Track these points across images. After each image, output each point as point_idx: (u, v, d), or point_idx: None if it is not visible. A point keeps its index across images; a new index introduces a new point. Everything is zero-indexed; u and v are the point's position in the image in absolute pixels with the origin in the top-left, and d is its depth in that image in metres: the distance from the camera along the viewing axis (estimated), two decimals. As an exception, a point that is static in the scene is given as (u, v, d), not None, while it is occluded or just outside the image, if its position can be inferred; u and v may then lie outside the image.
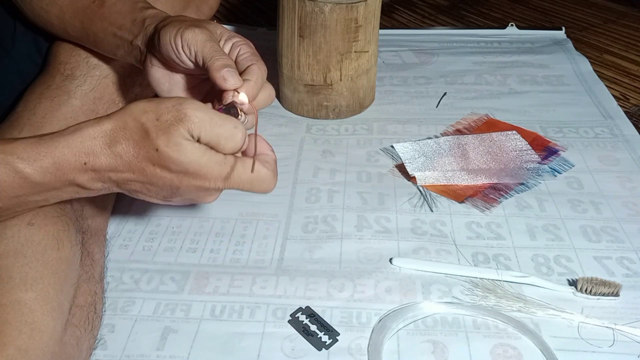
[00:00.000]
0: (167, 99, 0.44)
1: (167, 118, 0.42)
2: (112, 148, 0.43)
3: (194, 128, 0.43)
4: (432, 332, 0.54)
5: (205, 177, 0.44)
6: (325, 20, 0.78)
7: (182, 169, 0.43)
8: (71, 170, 0.44)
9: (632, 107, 0.92)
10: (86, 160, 0.43)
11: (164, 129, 0.42)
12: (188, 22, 0.51)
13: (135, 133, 0.43)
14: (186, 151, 0.42)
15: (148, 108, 0.43)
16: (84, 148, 0.43)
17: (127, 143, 0.43)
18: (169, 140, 0.42)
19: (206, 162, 0.43)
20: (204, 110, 0.43)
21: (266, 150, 0.49)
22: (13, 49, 0.68)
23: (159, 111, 0.43)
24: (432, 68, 1.01)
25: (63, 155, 0.43)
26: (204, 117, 0.43)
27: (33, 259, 0.47)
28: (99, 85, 0.65)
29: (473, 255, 0.62)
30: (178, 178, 0.44)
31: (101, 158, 0.43)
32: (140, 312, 0.57)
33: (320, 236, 0.65)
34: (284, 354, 0.52)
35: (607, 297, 0.56)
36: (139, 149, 0.43)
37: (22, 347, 0.42)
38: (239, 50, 0.53)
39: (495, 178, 0.72)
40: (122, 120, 0.43)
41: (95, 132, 0.43)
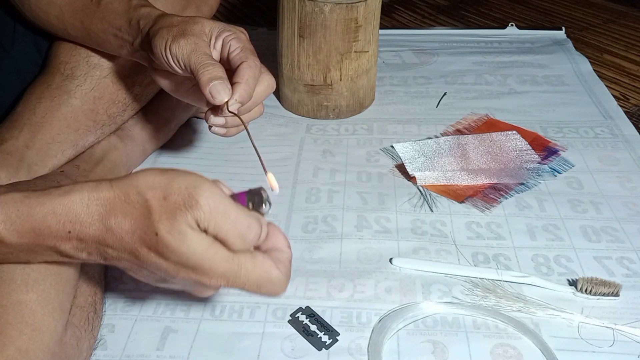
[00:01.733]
0: (181, 177, 0.38)
1: (175, 200, 0.37)
2: (105, 220, 0.38)
3: (203, 218, 0.37)
4: (432, 332, 0.54)
5: (206, 273, 0.38)
6: (325, 20, 0.78)
7: (182, 260, 0.38)
8: (52, 237, 0.39)
9: (632, 107, 0.92)
10: (71, 228, 0.38)
11: (169, 212, 0.37)
12: (175, 32, 0.51)
13: (135, 209, 0.38)
14: (190, 242, 0.37)
15: (157, 184, 0.38)
16: (71, 215, 0.38)
17: (124, 218, 0.38)
18: (172, 226, 0.37)
19: (211, 257, 0.38)
20: (219, 199, 0.38)
21: (282, 246, 0.43)
22: (13, 48, 0.68)
23: (168, 190, 0.37)
24: (432, 68, 1.01)
25: (44, 221, 0.38)
26: (217, 209, 0.37)
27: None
28: (99, 85, 0.65)
29: (473, 255, 0.62)
30: (175, 268, 0.38)
31: (89, 229, 0.38)
32: (140, 312, 0.57)
33: (320, 236, 0.65)
34: (284, 354, 0.52)
35: (607, 297, 0.56)
36: (135, 228, 0.38)
37: (22, 347, 0.42)
38: (229, 47, 0.52)
39: (495, 178, 0.72)
40: (124, 191, 0.38)
41: (90, 199, 0.38)
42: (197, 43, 0.50)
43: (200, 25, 0.52)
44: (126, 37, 0.57)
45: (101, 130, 0.67)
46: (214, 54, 0.53)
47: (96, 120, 0.66)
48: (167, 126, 0.78)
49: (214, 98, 0.48)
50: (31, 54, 0.69)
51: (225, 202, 0.38)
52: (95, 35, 0.60)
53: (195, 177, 0.38)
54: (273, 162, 0.77)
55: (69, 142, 0.64)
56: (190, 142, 0.82)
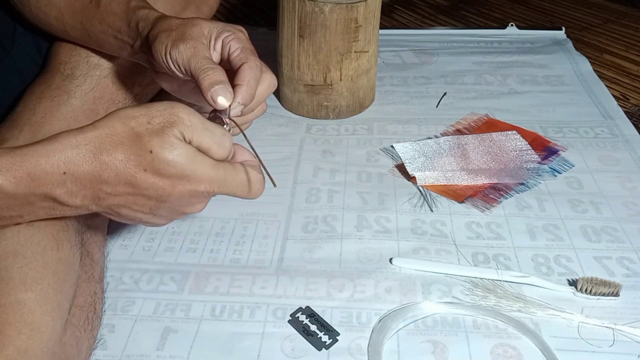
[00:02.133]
0: (156, 103, 0.43)
1: (159, 121, 0.41)
2: (98, 156, 0.40)
3: (187, 131, 0.42)
4: (432, 332, 0.54)
5: (199, 179, 0.43)
6: (325, 20, 0.78)
7: (178, 171, 0.42)
8: (47, 181, 0.40)
9: (632, 107, 0.92)
10: (65, 169, 0.40)
11: (157, 131, 0.41)
12: (174, 36, 0.51)
13: (125, 138, 0.41)
14: (181, 151, 0.41)
15: (137, 113, 0.42)
16: (64, 157, 0.40)
17: (115, 149, 0.41)
18: (163, 141, 0.41)
19: (200, 162, 0.42)
20: (195, 114, 0.43)
21: (249, 157, 0.49)
22: (13, 48, 0.68)
23: (149, 114, 0.42)
24: (432, 68, 1.01)
25: (39, 164, 0.40)
26: (196, 122, 0.42)
27: (33, 259, 0.47)
28: (99, 85, 0.65)
29: (473, 255, 0.62)
30: (171, 183, 0.42)
31: (84, 166, 0.40)
32: (140, 312, 0.57)
33: (320, 236, 0.65)
34: (284, 354, 0.52)
35: (607, 297, 0.56)
36: (129, 154, 0.41)
37: (21, 347, 0.42)
38: (229, 48, 0.52)
39: (495, 178, 0.72)
40: (109, 126, 0.41)
41: (78, 140, 0.41)
42: (196, 47, 0.50)
43: (198, 28, 0.52)
44: (126, 39, 0.57)
45: (101, 130, 0.67)
46: (214, 56, 0.53)
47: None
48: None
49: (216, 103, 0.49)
50: (31, 54, 0.69)
51: (201, 117, 0.43)
52: (95, 36, 0.60)
53: (169, 101, 0.43)
54: (273, 162, 0.77)
55: (69, 142, 0.64)
56: (190, 142, 0.82)
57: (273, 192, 0.48)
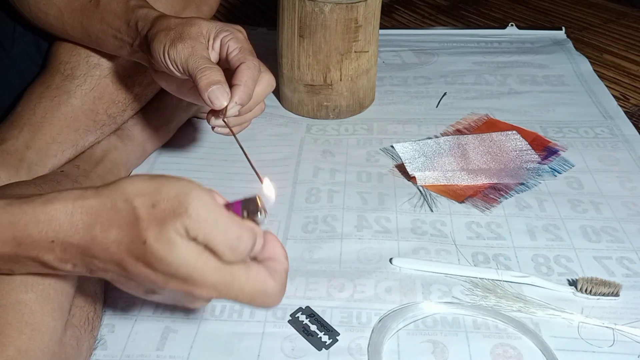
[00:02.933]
0: (170, 183, 0.36)
1: (164, 207, 0.35)
2: (90, 229, 0.36)
3: (192, 227, 0.35)
4: (432, 332, 0.54)
5: (197, 284, 0.36)
6: (325, 20, 0.78)
7: (171, 270, 0.36)
8: (34, 246, 0.37)
9: (632, 107, 0.92)
10: (54, 237, 0.37)
11: (157, 220, 0.35)
12: (172, 35, 0.50)
13: (122, 217, 0.36)
14: (179, 250, 0.35)
15: (145, 190, 0.36)
16: (54, 224, 0.36)
17: (110, 227, 0.36)
18: (160, 234, 0.35)
19: (201, 266, 0.36)
20: (209, 208, 0.36)
21: (278, 256, 0.41)
22: (13, 48, 0.68)
23: (157, 197, 0.36)
24: (432, 68, 1.01)
25: (26, 230, 0.37)
26: (207, 217, 0.35)
27: None
28: (99, 85, 0.65)
29: (473, 255, 0.62)
30: (164, 279, 0.36)
31: (73, 238, 0.36)
32: (140, 312, 0.57)
33: (320, 236, 0.65)
34: (284, 354, 0.52)
35: (607, 297, 0.56)
36: (122, 237, 0.36)
37: (22, 347, 0.42)
38: (227, 47, 0.52)
39: (495, 178, 0.72)
40: (111, 199, 0.36)
41: (74, 207, 0.37)
42: (194, 46, 0.50)
43: (197, 27, 0.52)
44: (125, 38, 0.57)
45: (101, 130, 0.67)
46: (213, 56, 0.53)
47: (96, 120, 0.66)
48: (167, 126, 0.78)
49: (212, 103, 0.48)
50: (31, 54, 0.69)
51: (216, 210, 0.36)
52: (95, 36, 0.60)
53: (186, 183, 0.37)
54: (273, 162, 0.77)
55: (69, 142, 0.64)
56: (190, 142, 0.82)
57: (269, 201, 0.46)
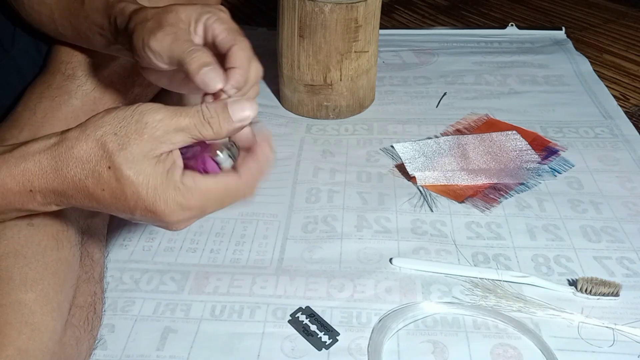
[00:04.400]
0: (122, 109, 0.39)
1: (126, 131, 0.38)
2: (59, 171, 0.39)
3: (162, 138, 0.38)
4: (432, 332, 0.54)
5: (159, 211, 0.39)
6: (325, 20, 0.78)
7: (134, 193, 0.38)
8: (16, 198, 0.40)
9: (632, 107, 0.91)
10: (31, 187, 0.39)
11: (122, 145, 0.38)
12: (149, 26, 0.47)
13: (85, 152, 0.38)
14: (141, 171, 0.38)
15: (101, 123, 0.39)
16: (27, 175, 0.39)
17: (75, 164, 0.38)
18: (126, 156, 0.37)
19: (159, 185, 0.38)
20: (164, 107, 0.39)
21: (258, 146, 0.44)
22: (13, 48, 0.68)
23: (116, 125, 0.38)
24: (432, 68, 1.01)
25: (6, 185, 0.39)
26: (166, 114, 0.39)
27: (33, 259, 0.47)
28: (100, 85, 0.65)
29: (473, 255, 0.62)
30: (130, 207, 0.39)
31: (47, 183, 0.39)
32: (140, 312, 0.57)
33: (320, 236, 0.65)
34: (284, 354, 0.52)
35: (607, 297, 0.56)
36: (87, 171, 0.38)
37: (22, 347, 0.42)
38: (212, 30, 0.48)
39: (495, 178, 0.72)
40: (73, 140, 0.39)
41: (41, 155, 0.39)
42: (175, 33, 0.46)
43: (174, 14, 0.48)
44: (108, 35, 0.55)
45: (101, 130, 0.67)
46: (197, 40, 0.49)
47: (96, 120, 0.66)
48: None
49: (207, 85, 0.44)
50: (31, 54, 0.69)
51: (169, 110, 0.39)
52: (84, 34, 0.58)
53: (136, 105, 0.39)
54: (273, 162, 0.77)
55: (69, 142, 0.64)
56: (190, 142, 0.82)
57: (273, 192, 0.47)
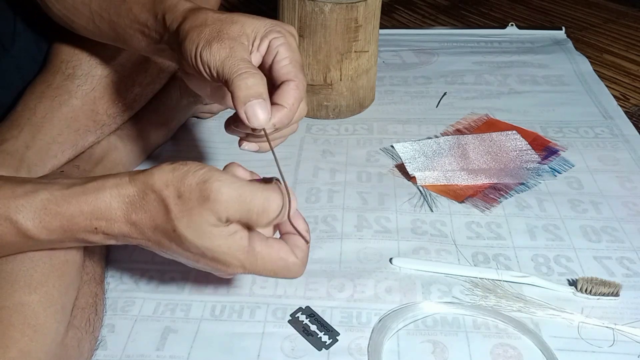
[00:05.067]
0: (191, 173, 0.39)
1: (189, 197, 0.39)
2: (128, 216, 0.41)
3: (220, 209, 0.39)
4: (432, 332, 0.54)
5: (224, 263, 0.41)
6: (325, 20, 0.78)
7: (200, 252, 0.41)
8: (80, 232, 0.42)
9: (632, 107, 0.92)
10: (97, 225, 0.41)
11: (184, 211, 0.39)
12: (207, 34, 0.43)
13: (154, 207, 0.40)
14: (206, 237, 0.40)
15: (170, 181, 0.39)
16: (97, 213, 0.41)
17: (144, 214, 0.40)
18: (189, 223, 0.39)
19: (227, 250, 0.41)
20: (230, 186, 0.39)
21: (300, 228, 0.45)
22: (13, 47, 0.67)
23: (181, 189, 0.39)
24: (432, 68, 1.01)
25: (72, 219, 0.41)
26: (231, 195, 0.39)
27: (40, 262, 0.47)
28: (100, 84, 0.65)
29: (473, 255, 0.62)
30: (195, 257, 0.42)
31: (114, 225, 0.41)
32: (140, 312, 0.57)
33: (320, 236, 0.65)
34: (284, 354, 0.52)
35: (607, 297, 0.56)
36: (156, 224, 0.40)
37: (24, 349, 0.42)
38: (276, 54, 0.45)
39: (495, 178, 0.72)
40: (142, 190, 0.40)
41: (112, 196, 0.41)
42: (232, 47, 0.42)
43: (239, 26, 0.44)
44: (153, 34, 0.50)
45: (101, 130, 0.67)
46: (256, 58, 0.45)
47: (96, 120, 0.66)
48: (167, 126, 0.78)
49: (249, 120, 0.42)
50: (32, 52, 0.68)
51: (237, 186, 0.39)
52: (123, 31, 0.53)
53: (205, 170, 0.40)
54: (273, 162, 0.77)
55: (69, 142, 0.64)
56: (190, 142, 0.82)
57: None
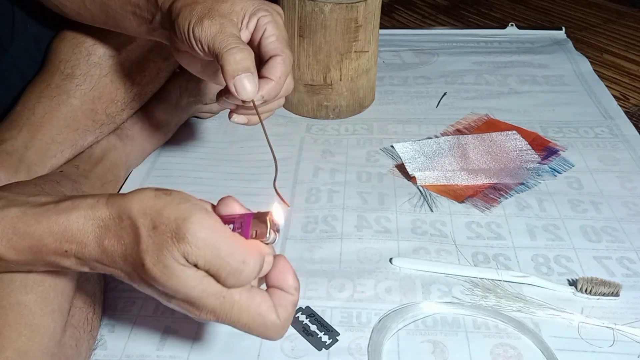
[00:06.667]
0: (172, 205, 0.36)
1: (163, 231, 0.35)
2: (100, 241, 0.37)
3: (191, 253, 0.35)
4: (432, 332, 0.54)
5: (195, 307, 0.37)
6: (325, 20, 0.78)
7: (170, 293, 0.37)
8: (50, 254, 0.39)
9: (632, 107, 0.91)
10: (67, 248, 0.38)
11: (156, 244, 0.35)
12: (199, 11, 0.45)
13: (127, 234, 0.36)
14: (175, 277, 0.35)
15: (148, 210, 0.36)
16: (67, 235, 0.38)
17: (117, 241, 0.37)
18: (158, 259, 0.35)
19: (199, 294, 0.36)
20: (209, 233, 0.35)
21: (288, 287, 0.39)
22: (12, 46, 0.67)
23: (157, 220, 0.35)
24: (432, 68, 1.01)
25: (41, 240, 0.38)
26: (207, 243, 0.35)
27: None
28: (98, 84, 0.65)
29: (473, 255, 0.62)
30: (166, 298, 0.38)
31: (85, 249, 0.38)
32: (140, 312, 0.56)
33: (320, 236, 0.65)
34: (284, 354, 0.52)
35: (607, 297, 0.56)
36: (126, 254, 0.37)
37: (21, 349, 0.42)
38: (264, 31, 0.47)
39: (495, 178, 0.72)
40: (118, 214, 0.37)
41: (86, 218, 0.38)
42: (222, 23, 0.44)
43: (229, 4, 0.46)
44: (145, 14, 0.51)
45: (100, 130, 0.67)
46: (244, 35, 0.48)
47: (95, 120, 0.66)
48: (167, 126, 0.78)
49: (238, 93, 0.43)
50: (31, 51, 0.68)
51: (217, 235, 0.35)
52: (114, 13, 0.55)
53: (188, 206, 0.36)
54: (273, 162, 0.77)
55: (68, 142, 0.64)
56: (190, 142, 0.82)
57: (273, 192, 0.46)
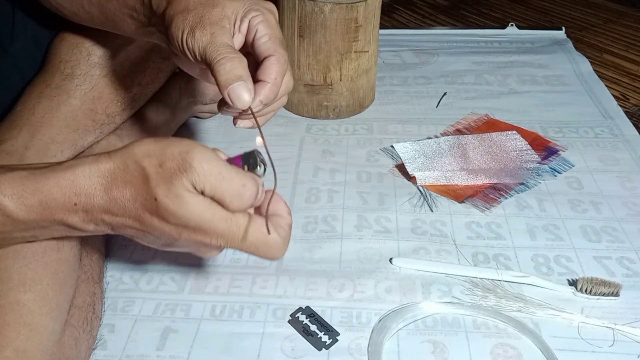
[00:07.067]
0: (174, 143, 0.40)
1: (170, 166, 0.39)
2: (108, 190, 0.40)
3: (198, 180, 0.39)
4: (432, 332, 0.54)
5: (206, 233, 0.40)
6: (325, 20, 0.78)
7: (182, 222, 0.40)
8: (59, 210, 0.41)
9: (632, 107, 0.91)
10: (77, 200, 0.40)
11: (165, 178, 0.39)
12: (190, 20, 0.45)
13: (134, 177, 0.39)
14: (187, 204, 0.39)
15: (152, 151, 0.39)
16: (76, 188, 0.40)
17: (125, 187, 0.40)
18: (169, 190, 0.38)
19: (210, 217, 0.40)
20: (212, 162, 0.39)
21: (282, 212, 0.45)
22: (11, 46, 0.67)
23: (162, 157, 0.39)
24: (432, 68, 1.01)
25: (51, 194, 0.40)
26: (211, 171, 0.39)
27: (33, 260, 0.47)
28: (98, 84, 0.65)
29: (473, 255, 0.62)
30: (177, 230, 0.40)
31: (94, 200, 0.40)
32: (140, 312, 0.57)
33: (320, 236, 0.65)
34: (284, 354, 0.52)
35: (607, 297, 0.56)
36: (136, 195, 0.40)
37: (20, 348, 0.42)
38: (255, 31, 0.47)
39: (495, 178, 0.72)
40: (123, 161, 0.40)
41: (91, 171, 0.40)
42: (213, 33, 0.45)
43: (220, 9, 0.46)
44: (141, 18, 0.51)
45: (100, 130, 0.67)
46: (238, 39, 0.48)
47: (95, 120, 0.66)
48: (167, 126, 0.78)
49: (234, 103, 0.44)
50: (31, 51, 0.68)
51: (219, 163, 0.39)
52: (113, 15, 0.55)
53: (188, 142, 0.40)
54: (273, 162, 0.77)
55: (68, 142, 0.64)
56: (190, 142, 0.81)
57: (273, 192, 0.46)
